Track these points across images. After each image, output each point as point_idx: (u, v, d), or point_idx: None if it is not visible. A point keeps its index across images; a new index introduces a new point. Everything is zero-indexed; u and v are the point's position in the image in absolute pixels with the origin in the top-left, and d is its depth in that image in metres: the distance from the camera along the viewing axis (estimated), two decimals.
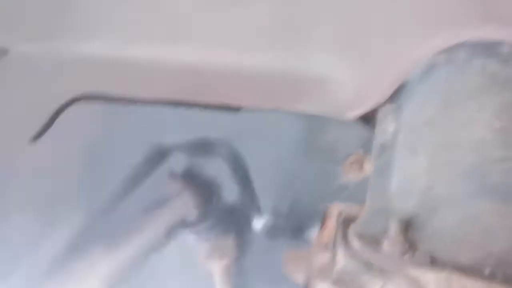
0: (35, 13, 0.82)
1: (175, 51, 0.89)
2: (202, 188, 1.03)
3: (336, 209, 1.02)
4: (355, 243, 0.79)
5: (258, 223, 1.04)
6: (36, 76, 1.00)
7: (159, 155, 1.05)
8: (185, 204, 1.01)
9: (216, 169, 1.05)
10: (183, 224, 1.01)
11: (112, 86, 0.98)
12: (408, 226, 0.73)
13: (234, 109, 1.02)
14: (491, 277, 0.64)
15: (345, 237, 0.85)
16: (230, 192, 1.06)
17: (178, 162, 1.06)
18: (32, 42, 0.87)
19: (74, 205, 1.07)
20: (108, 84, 0.98)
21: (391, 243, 0.71)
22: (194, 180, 1.03)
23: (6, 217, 1.10)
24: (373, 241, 0.77)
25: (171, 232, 1.00)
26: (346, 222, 0.89)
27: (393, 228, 0.72)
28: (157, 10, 0.83)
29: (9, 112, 1.02)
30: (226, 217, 1.04)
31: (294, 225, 1.03)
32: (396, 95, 0.76)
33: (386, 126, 0.79)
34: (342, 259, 0.80)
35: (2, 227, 1.11)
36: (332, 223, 1.03)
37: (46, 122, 1.06)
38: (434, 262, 0.68)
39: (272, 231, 1.04)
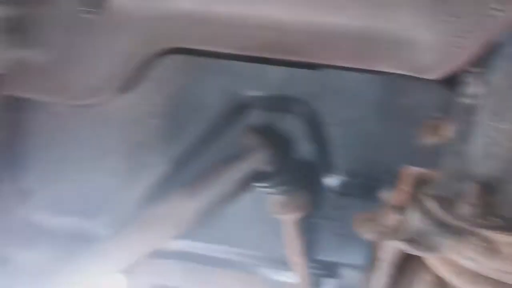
0: None
1: (258, 8, 0.91)
2: (278, 143, 1.06)
3: (411, 172, 1.03)
4: (430, 204, 0.79)
5: (331, 181, 1.06)
6: (129, 29, 1.05)
7: (238, 109, 1.08)
8: (260, 157, 1.04)
9: (293, 125, 1.07)
10: (258, 177, 1.04)
11: (197, 41, 1.02)
12: (487, 190, 0.72)
13: (313, 67, 1.03)
14: None
15: (419, 199, 0.85)
16: (305, 149, 1.08)
17: (256, 116, 1.09)
18: None
19: (159, 152, 1.14)
20: (194, 39, 1.02)
21: (467, 205, 0.71)
22: (270, 135, 1.06)
23: (101, 162, 1.19)
24: (448, 203, 0.77)
25: (245, 184, 1.04)
26: (421, 185, 0.89)
27: (471, 190, 0.72)
28: None
29: (103, 62, 1.09)
30: (299, 173, 1.06)
31: (367, 185, 1.04)
32: (483, 58, 0.74)
33: (471, 89, 0.77)
34: (415, 220, 0.81)
35: (97, 171, 1.20)
36: (406, 185, 1.04)
37: (135, 73, 1.13)
38: (510, 226, 0.68)
39: (344, 190, 1.06)
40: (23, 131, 1.27)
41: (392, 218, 1.04)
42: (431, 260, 0.80)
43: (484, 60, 0.74)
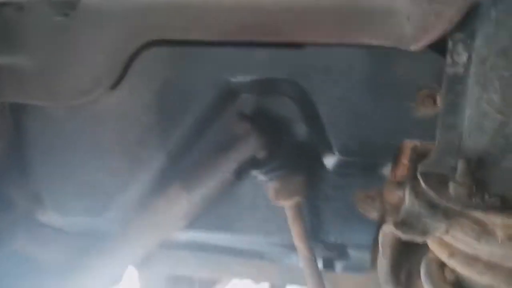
0: None
1: None
2: (271, 127, 1.02)
3: (410, 145, 0.98)
4: (422, 183, 0.75)
5: (329, 161, 1.03)
6: (107, 26, 1.03)
7: (227, 96, 1.05)
8: (254, 144, 1.01)
9: (284, 108, 1.04)
10: (253, 163, 1.02)
11: (178, 31, 0.99)
12: (478, 166, 0.68)
13: (298, 46, 0.99)
14: None
15: (415, 176, 0.81)
16: (299, 131, 1.04)
17: (245, 102, 1.06)
18: None
19: (154, 147, 1.13)
20: (174, 29, 0.99)
21: (458, 184, 0.67)
22: (262, 120, 1.03)
23: (100, 162, 1.20)
24: (441, 180, 0.73)
25: (241, 172, 1.03)
26: (420, 159, 0.85)
27: (461, 169, 0.68)
28: None
29: (87, 61, 1.08)
30: (295, 156, 1.03)
31: (365, 162, 1.00)
32: (466, 22, 0.68)
33: (456, 56, 0.72)
34: (407, 200, 0.77)
35: (97, 170, 1.21)
36: (406, 160, 1.00)
37: (121, 69, 1.11)
38: (504, 206, 0.64)
39: (343, 169, 1.03)
40: (23, 136, 1.28)
41: (394, 195, 1.01)
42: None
43: (466, 25, 0.68)
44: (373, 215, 1.04)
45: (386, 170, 0.99)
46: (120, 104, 1.13)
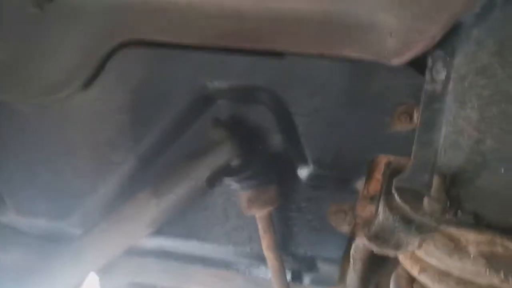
0: None
1: None
2: (245, 135, 1.01)
3: (384, 160, 0.99)
4: (396, 198, 0.75)
5: (303, 172, 1.02)
6: (84, 22, 1.01)
7: (203, 101, 1.04)
8: (228, 151, 1.00)
9: (260, 116, 1.03)
10: (226, 171, 1.00)
11: (156, 32, 0.97)
12: (452, 182, 0.68)
13: (278, 55, 0.98)
14: None
15: (390, 191, 0.81)
16: (275, 140, 1.03)
17: (222, 108, 1.04)
18: None
19: (124, 149, 1.10)
20: (152, 30, 0.97)
21: (432, 200, 0.67)
22: (237, 127, 1.02)
23: (67, 162, 1.16)
24: (415, 196, 0.73)
25: (214, 179, 1.01)
26: (394, 175, 0.85)
27: (436, 184, 0.68)
28: None
29: (60, 57, 1.05)
30: (269, 165, 1.02)
31: (339, 175, 1.00)
32: (447, 40, 0.69)
33: (435, 74, 0.73)
34: (381, 214, 0.77)
35: (64, 171, 1.16)
36: (379, 175, 1.00)
37: (96, 68, 1.08)
38: (477, 223, 0.64)
39: (316, 181, 1.02)
40: None
41: (366, 209, 1.01)
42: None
43: (446, 43, 0.69)
44: (345, 228, 1.04)
45: (360, 184, 0.99)
46: (92, 103, 1.10)
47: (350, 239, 0.96)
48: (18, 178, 1.21)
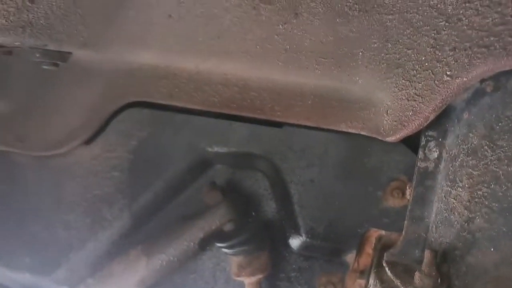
0: (93, 21, 0.87)
1: (222, 65, 0.91)
2: (240, 201, 1.03)
3: (375, 235, 1.00)
4: (388, 272, 0.76)
5: (295, 242, 1.03)
6: (93, 82, 1.05)
7: (201, 165, 1.06)
8: (222, 216, 1.01)
9: (256, 183, 1.05)
10: (219, 236, 1.01)
11: (161, 96, 1.01)
12: (443, 259, 0.70)
13: (277, 125, 1.02)
14: None
15: (380, 265, 0.82)
16: (269, 208, 1.05)
17: (219, 173, 1.07)
18: (89, 50, 0.92)
19: (119, 207, 1.10)
20: (158, 93, 1.01)
21: (423, 275, 0.68)
22: (233, 193, 1.04)
23: (58, 215, 1.16)
24: (406, 270, 0.74)
25: (206, 243, 1.01)
26: (384, 249, 0.86)
27: (427, 260, 0.69)
28: (206, 25, 0.85)
29: (65, 114, 1.08)
30: (262, 233, 1.03)
31: (330, 247, 1.01)
32: (440, 121, 0.73)
33: (428, 152, 0.76)
34: (372, 287, 0.77)
35: (54, 224, 1.16)
36: (370, 249, 1.01)
37: (99, 126, 1.11)
38: None
39: (308, 251, 1.03)
40: None
41: (356, 283, 1.01)
42: None
43: (439, 124, 0.74)
44: None
45: (350, 257, 1.00)
46: (91, 159, 1.12)
47: None
48: (6, 228, 1.20)
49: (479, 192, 0.67)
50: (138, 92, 1.03)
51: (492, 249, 0.66)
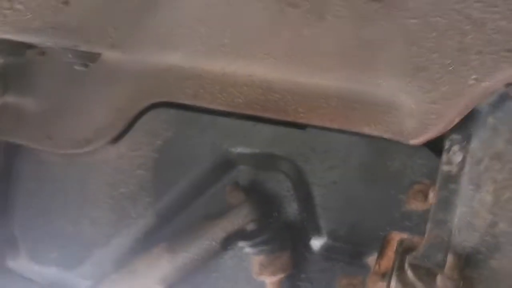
0: (122, 23, 0.89)
1: (248, 67, 0.92)
2: (263, 201, 1.04)
3: (397, 238, 1.00)
4: (410, 275, 0.76)
5: (316, 243, 1.03)
6: (121, 82, 1.07)
7: (225, 165, 1.08)
8: (244, 215, 1.03)
9: (279, 184, 1.06)
10: (241, 235, 1.02)
11: (187, 96, 1.03)
12: (466, 263, 0.70)
13: (300, 126, 1.03)
14: None
15: (402, 268, 0.82)
16: (291, 209, 1.05)
17: (242, 173, 1.08)
18: (117, 51, 0.94)
19: (143, 205, 1.13)
20: (183, 94, 1.03)
21: (446, 279, 0.69)
22: (255, 193, 1.05)
23: (84, 211, 1.19)
24: (429, 274, 0.74)
25: (228, 242, 1.02)
26: (406, 253, 0.86)
27: (450, 264, 0.70)
28: (232, 26, 0.86)
29: (93, 113, 1.11)
30: (283, 233, 1.04)
31: (352, 249, 1.01)
32: (464, 125, 0.73)
33: (452, 156, 0.76)
34: None
35: (80, 221, 1.19)
36: (391, 252, 1.01)
37: (126, 125, 1.14)
38: None
39: (329, 253, 1.03)
40: (12, 177, 1.27)
41: (377, 285, 1.01)
42: None
43: (463, 128, 0.74)
44: None
45: (371, 260, 1.00)
46: (117, 157, 1.15)
47: None
48: (34, 224, 1.24)
49: (503, 196, 0.67)
50: (164, 93, 1.05)
51: None
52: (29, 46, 0.92)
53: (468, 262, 0.69)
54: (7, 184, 1.29)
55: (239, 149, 1.06)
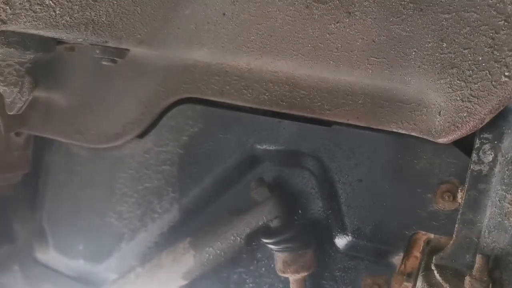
0: (150, 20, 0.90)
1: (274, 63, 0.92)
2: (287, 198, 1.04)
3: (423, 238, 0.98)
4: (436, 275, 0.75)
5: (341, 241, 1.02)
6: (148, 78, 1.08)
7: (250, 162, 1.08)
8: (269, 212, 1.02)
9: (303, 181, 1.06)
10: (265, 232, 1.02)
11: (214, 92, 1.03)
12: (495, 265, 0.68)
13: (326, 123, 1.02)
14: None
15: (428, 268, 0.81)
16: (315, 207, 1.05)
17: (267, 170, 1.08)
18: (145, 47, 0.95)
19: (168, 200, 1.14)
20: (210, 90, 1.03)
21: (473, 281, 0.67)
22: (280, 190, 1.04)
23: (112, 205, 1.21)
24: (456, 274, 0.73)
25: (252, 238, 1.02)
26: (433, 253, 0.85)
27: (478, 265, 0.68)
28: (259, 23, 0.86)
29: (121, 108, 1.12)
30: (308, 231, 1.03)
31: (377, 248, 1.00)
32: (496, 123, 0.71)
33: (482, 155, 0.75)
34: None
35: (107, 214, 1.21)
36: (417, 252, 0.99)
37: (152, 121, 1.15)
38: None
39: (353, 251, 1.02)
40: (42, 171, 1.30)
41: (402, 286, 0.99)
42: None
43: (495, 126, 0.72)
44: None
45: (397, 259, 0.99)
46: (144, 152, 1.16)
47: None
48: (62, 216, 1.27)
49: None
50: (190, 89, 1.06)
51: None
52: (59, 41, 0.94)
53: (497, 263, 0.67)
54: (37, 178, 1.32)
55: (264, 146, 1.05)
